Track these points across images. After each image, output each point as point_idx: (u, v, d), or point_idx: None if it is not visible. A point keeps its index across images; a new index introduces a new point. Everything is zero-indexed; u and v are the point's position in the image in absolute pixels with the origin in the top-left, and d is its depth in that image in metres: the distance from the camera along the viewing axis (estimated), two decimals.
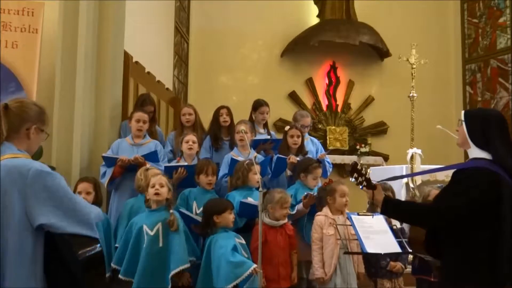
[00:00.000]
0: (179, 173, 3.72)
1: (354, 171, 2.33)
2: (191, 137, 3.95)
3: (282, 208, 3.34)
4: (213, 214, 3.10)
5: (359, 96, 8.47)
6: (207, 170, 3.58)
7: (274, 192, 3.39)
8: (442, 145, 7.58)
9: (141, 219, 3.05)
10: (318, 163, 3.82)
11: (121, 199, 3.70)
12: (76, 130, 3.98)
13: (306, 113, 4.73)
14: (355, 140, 8.31)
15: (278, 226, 3.34)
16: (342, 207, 3.41)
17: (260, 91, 7.51)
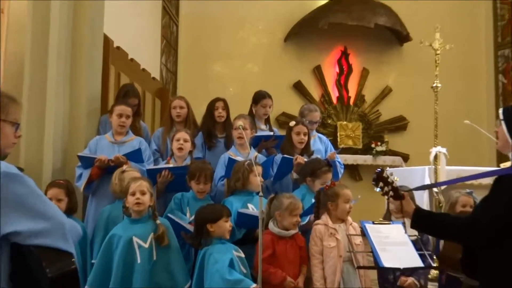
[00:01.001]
0: (163, 176, 3.70)
1: (380, 179, 2.33)
2: (182, 134, 3.94)
3: (291, 216, 3.31)
4: (206, 222, 3.09)
5: (374, 87, 8.46)
6: (199, 176, 3.57)
7: (282, 197, 3.37)
8: (470, 143, 7.58)
9: (124, 230, 3.03)
10: (329, 167, 3.81)
11: (99, 206, 3.70)
12: (48, 126, 3.96)
13: (314, 107, 4.72)
14: (369, 138, 8.31)
15: (287, 236, 3.32)
16: (344, 214, 3.39)
17: (260, 81, 7.51)
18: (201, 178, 3.58)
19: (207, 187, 3.63)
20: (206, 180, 3.60)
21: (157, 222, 3.10)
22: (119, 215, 3.32)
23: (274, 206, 3.33)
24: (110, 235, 3.02)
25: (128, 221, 3.09)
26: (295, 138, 4.18)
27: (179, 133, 3.97)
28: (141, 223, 3.07)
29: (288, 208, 3.29)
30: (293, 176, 4.06)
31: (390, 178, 2.37)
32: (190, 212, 3.54)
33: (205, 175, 3.59)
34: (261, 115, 4.61)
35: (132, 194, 3.08)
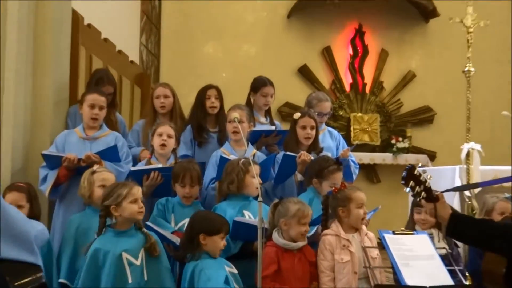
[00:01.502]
0: (152, 178, 3.72)
1: (410, 177, 2.34)
2: (166, 128, 3.94)
3: (299, 224, 3.30)
4: (201, 232, 3.11)
5: (395, 72, 8.47)
6: (184, 178, 3.57)
7: (289, 202, 3.36)
8: (509, 138, 7.59)
9: (111, 245, 3.04)
10: (338, 165, 3.81)
11: (68, 214, 3.70)
12: (5, 120, 3.94)
13: (325, 96, 4.73)
14: (389, 132, 8.33)
15: (295, 249, 3.32)
16: (358, 222, 3.39)
17: (259, 66, 7.50)
18: (186, 180, 3.58)
19: (194, 191, 3.63)
20: (193, 182, 3.60)
21: (145, 231, 3.13)
22: (90, 225, 3.31)
23: (279, 213, 3.33)
24: (93, 251, 3.01)
25: (113, 233, 3.10)
26: (300, 132, 4.18)
27: (162, 127, 3.97)
28: (128, 236, 3.09)
29: (296, 216, 3.29)
30: (297, 178, 4.08)
31: (423, 176, 2.37)
32: (176, 220, 3.56)
33: (190, 176, 3.59)
34: (261, 105, 4.63)
35: (134, 201, 3.08)
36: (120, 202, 3.06)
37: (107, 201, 3.09)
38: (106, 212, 3.10)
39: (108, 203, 3.08)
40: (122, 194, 3.07)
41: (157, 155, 3.97)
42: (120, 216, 3.08)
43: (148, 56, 7.34)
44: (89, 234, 3.30)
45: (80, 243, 3.31)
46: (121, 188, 3.11)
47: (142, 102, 6.09)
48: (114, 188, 3.13)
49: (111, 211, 3.08)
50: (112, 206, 3.06)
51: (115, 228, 3.10)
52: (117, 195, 3.08)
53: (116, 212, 3.07)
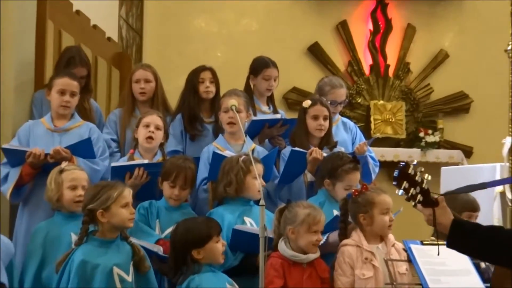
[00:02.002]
0: (136, 176, 3.72)
1: (404, 177, 2.33)
2: (153, 118, 3.96)
3: (310, 233, 3.32)
4: (191, 247, 3.12)
5: (424, 51, 8.44)
6: (177, 178, 3.59)
7: (297, 207, 3.38)
8: None
9: (98, 257, 3.06)
10: (355, 163, 3.82)
11: (33, 220, 3.71)
12: None
13: (339, 82, 4.75)
14: (417, 124, 8.30)
15: (305, 262, 3.34)
16: (383, 231, 3.41)
17: (261, 44, 7.46)
18: (178, 180, 3.60)
19: (184, 193, 3.65)
20: (186, 183, 3.62)
21: (132, 242, 3.15)
22: (60, 234, 3.34)
23: (286, 219, 3.35)
24: (80, 263, 3.02)
25: (98, 243, 3.10)
26: (311, 124, 4.19)
27: (149, 116, 3.98)
28: (116, 247, 3.11)
29: (306, 222, 3.31)
30: (307, 178, 4.08)
31: (419, 175, 2.36)
32: (161, 227, 3.59)
33: (184, 176, 3.61)
34: (263, 91, 4.64)
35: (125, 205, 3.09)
36: (109, 206, 3.06)
37: (92, 204, 3.08)
38: (90, 218, 3.09)
39: (94, 206, 3.07)
40: (112, 197, 3.08)
41: (142, 150, 3.98)
42: (108, 222, 3.08)
43: (129, 32, 7.32)
44: (58, 244, 3.32)
45: (48, 255, 3.32)
46: (110, 190, 3.11)
47: (122, 87, 6.06)
48: (101, 189, 3.13)
49: (96, 217, 3.07)
50: (99, 210, 3.06)
51: (99, 237, 3.10)
52: (105, 197, 3.08)
53: (103, 218, 3.07)
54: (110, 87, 6.01)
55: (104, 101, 5.70)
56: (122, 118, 4.32)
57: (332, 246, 3.62)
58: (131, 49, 7.33)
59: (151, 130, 3.91)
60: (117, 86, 6.14)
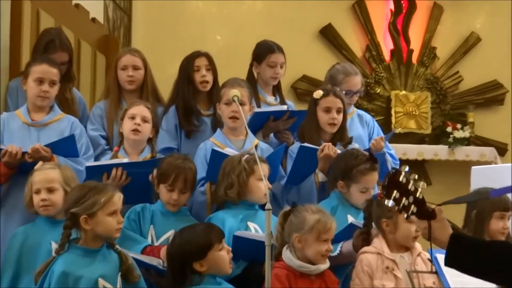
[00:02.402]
0: (114, 178, 3.74)
1: (394, 186, 2.34)
2: (140, 109, 3.98)
3: (319, 242, 3.33)
4: (191, 260, 3.14)
5: (452, 35, 8.44)
6: (176, 180, 3.59)
7: (305, 211, 3.39)
8: None
9: (81, 267, 3.07)
10: (372, 163, 3.83)
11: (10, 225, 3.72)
12: None
13: (353, 69, 4.75)
14: (444, 117, 8.30)
15: (313, 273, 3.35)
16: (408, 240, 3.43)
17: (266, 26, 7.44)
18: (178, 183, 3.61)
19: (183, 198, 3.67)
20: (185, 187, 3.64)
21: (119, 250, 3.16)
22: (40, 241, 3.36)
23: (292, 225, 3.36)
24: (60, 275, 3.03)
25: (81, 252, 3.12)
26: (323, 117, 4.20)
27: (134, 107, 4.00)
28: (101, 256, 3.12)
29: (315, 229, 3.32)
30: (318, 178, 4.10)
31: (412, 184, 2.37)
32: (156, 233, 3.61)
33: (184, 179, 3.62)
34: (268, 79, 4.65)
35: (111, 213, 3.10)
36: (95, 212, 3.06)
37: (75, 208, 3.08)
38: (72, 222, 3.10)
39: (78, 211, 3.07)
40: (99, 202, 3.07)
41: (128, 146, 4.01)
42: (92, 230, 3.09)
43: (116, 12, 7.32)
44: (36, 253, 3.34)
45: (25, 264, 3.35)
46: (98, 194, 3.10)
47: (108, 74, 6.07)
48: (88, 192, 3.12)
49: (79, 222, 3.08)
50: (82, 216, 3.06)
51: (82, 245, 3.12)
52: (91, 202, 3.07)
53: (87, 225, 3.07)
54: (94, 75, 6.00)
55: (88, 91, 5.69)
56: (108, 111, 4.31)
57: (346, 257, 3.65)
58: (118, 32, 7.33)
59: (137, 122, 3.92)
60: (102, 74, 6.12)
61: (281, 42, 4.73)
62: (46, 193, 3.37)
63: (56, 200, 3.39)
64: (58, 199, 3.40)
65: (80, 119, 4.26)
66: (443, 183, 7.95)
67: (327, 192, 3.99)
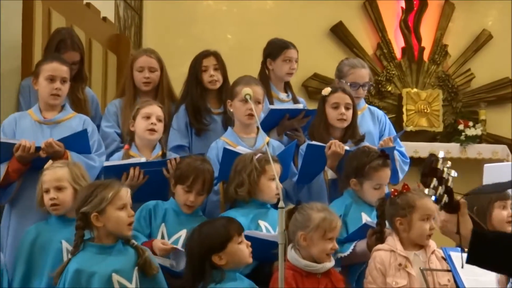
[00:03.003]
0: (132, 178, 3.76)
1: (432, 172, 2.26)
2: (154, 109, 3.98)
3: (324, 240, 3.33)
4: (210, 253, 3.15)
5: (464, 32, 8.41)
6: (194, 182, 3.59)
7: (310, 209, 3.39)
8: None
9: (95, 264, 3.09)
10: (384, 159, 3.83)
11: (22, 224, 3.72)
12: None
13: (360, 62, 4.76)
14: (456, 115, 8.27)
15: (318, 272, 3.35)
16: (422, 239, 3.43)
17: (277, 24, 7.42)
18: (196, 185, 3.61)
19: (199, 200, 3.67)
20: (203, 189, 3.64)
21: (135, 244, 3.18)
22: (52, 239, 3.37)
23: (297, 223, 3.36)
24: (74, 273, 3.06)
25: (95, 249, 3.14)
26: (332, 113, 4.20)
27: (149, 106, 4.00)
28: (116, 252, 3.14)
29: (321, 228, 3.32)
30: (327, 175, 4.10)
31: (446, 171, 2.29)
32: (168, 231, 3.61)
33: (203, 181, 3.62)
34: (283, 75, 4.66)
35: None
36: (104, 208, 3.09)
37: (85, 207, 3.10)
38: (84, 222, 3.12)
39: (87, 209, 3.09)
40: (106, 198, 3.10)
41: (140, 144, 4.01)
42: (104, 227, 3.11)
43: (127, 12, 7.34)
44: (46, 252, 3.35)
45: (35, 262, 3.36)
46: (105, 190, 3.13)
47: (119, 73, 6.08)
48: (94, 190, 3.15)
49: (91, 221, 3.10)
50: (93, 214, 3.09)
51: (97, 243, 3.14)
52: (99, 199, 3.10)
53: (98, 222, 3.10)
54: (106, 74, 6.01)
55: (100, 90, 5.70)
56: (123, 110, 4.32)
57: (360, 256, 3.65)
58: (129, 31, 7.35)
59: (153, 121, 3.93)
60: (113, 73, 6.15)
61: (291, 40, 4.75)
62: (55, 192, 3.38)
63: (65, 199, 3.39)
64: (67, 197, 3.40)
65: (92, 118, 4.28)
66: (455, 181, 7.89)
67: (339, 190, 3.99)
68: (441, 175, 2.28)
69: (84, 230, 3.14)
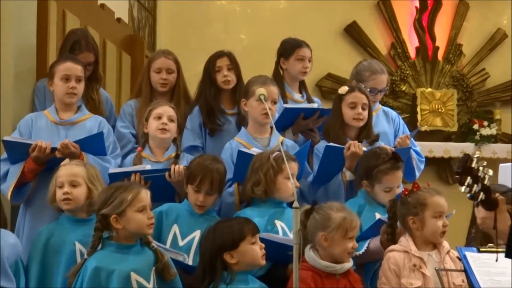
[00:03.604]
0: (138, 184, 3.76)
1: (467, 171, 2.30)
2: (166, 109, 3.99)
3: (345, 239, 3.34)
4: (222, 250, 3.16)
5: (478, 31, 8.38)
6: (202, 182, 3.59)
7: (329, 209, 3.39)
8: None
9: (114, 262, 3.11)
10: (395, 161, 3.81)
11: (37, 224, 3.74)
12: None
13: (380, 67, 4.75)
14: (470, 114, 8.25)
15: (337, 273, 3.35)
16: (435, 237, 3.42)
17: (290, 24, 7.43)
18: (204, 185, 3.61)
19: (209, 200, 3.67)
20: (211, 189, 3.64)
21: (155, 247, 3.19)
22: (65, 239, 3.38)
23: (316, 223, 3.36)
24: (93, 270, 3.08)
25: (114, 247, 3.16)
26: (348, 113, 4.19)
27: (160, 107, 4.01)
28: (135, 252, 3.17)
29: (342, 227, 3.32)
30: (345, 176, 4.08)
31: (481, 171, 2.35)
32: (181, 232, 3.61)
33: (211, 181, 3.62)
34: (297, 73, 4.66)
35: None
36: (124, 210, 3.11)
37: (105, 209, 3.12)
38: (103, 224, 3.14)
39: (107, 211, 3.11)
40: (126, 200, 3.12)
41: (153, 145, 4.02)
42: (123, 229, 3.13)
43: (141, 12, 7.36)
44: (59, 253, 3.37)
45: (49, 262, 3.38)
46: (124, 192, 3.15)
47: (133, 73, 6.10)
48: (114, 192, 3.16)
49: (111, 223, 3.12)
50: (112, 215, 3.10)
51: (116, 241, 3.16)
52: (119, 201, 3.12)
53: (118, 224, 3.12)
54: (120, 75, 6.02)
55: (114, 90, 5.71)
56: (139, 111, 4.33)
57: (374, 253, 3.65)
58: (143, 31, 7.37)
59: (164, 121, 3.94)
60: (128, 73, 6.16)
61: (305, 40, 4.74)
62: (69, 187, 3.39)
63: (78, 195, 3.41)
64: (80, 194, 3.42)
65: (107, 119, 4.29)
66: None
67: (355, 190, 3.99)
68: (476, 173, 2.33)
69: (103, 232, 3.16)
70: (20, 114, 4.13)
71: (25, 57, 4.38)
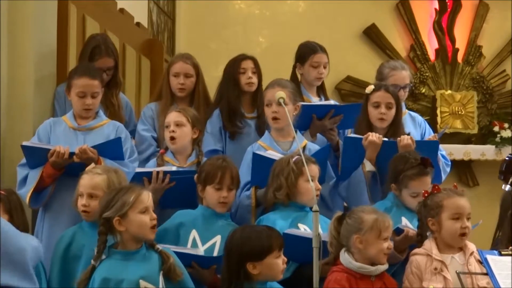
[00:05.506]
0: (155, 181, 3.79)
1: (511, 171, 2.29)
2: (170, 117, 3.99)
3: (380, 240, 3.32)
4: (246, 259, 3.13)
5: (498, 33, 8.33)
6: (222, 179, 3.61)
7: (361, 212, 3.39)
8: None
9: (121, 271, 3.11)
10: (423, 166, 3.78)
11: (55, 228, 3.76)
12: None
13: (401, 64, 4.77)
14: (491, 116, 8.21)
15: (372, 275, 3.34)
16: (453, 239, 3.40)
17: (309, 27, 7.46)
18: (225, 180, 3.61)
19: (231, 195, 3.68)
20: (232, 184, 3.65)
21: (159, 249, 3.18)
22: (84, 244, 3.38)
23: (349, 227, 3.36)
24: (102, 281, 3.07)
25: (120, 256, 3.15)
26: (372, 112, 4.21)
27: (167, 115, 4.03)
28: (141, 258, 3.15)
29: (375, 228, 3.32)
30: (365, 168, 4.09)
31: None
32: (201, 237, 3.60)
33: (231, 175, 3.64)
34: (312, 80, 4.66)
35: (143, 210, 3.13)
36: (126, 212, 3.09)
37: (107, 212, 3.10)
38: (107, 227, 3.12)
39: (110, 214, 3.10)
40: (128, 202, 3.10)
41: (174, 152, 4.05)
42: (126, 231, 3.11)
43: (160, 17, 7.40)
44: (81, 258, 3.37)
45: (70, 268, 3.38)
46: (126, 194, 3.13)
47: (153, 78, 6.13)
48: (116, 194, 3.15)
49: (113, 226, 3.11)
50: (115, 218, 3.09)
51: (121, 249, 3.15)
52: (120, 203, 3.10)
53: (121, 227, 3.10)
54: (139, 79, 6.06)
55: (133, 95, 5.76)
56: (160, 115, 4.34)
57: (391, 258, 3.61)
58: (162, 35, 7.41)
59: (171, 130, 3.95)
60: (147, 77, 6.19)
61: (324, 43, 4.73)
62: (88, 199, 3.38)
63: (96, 207, 3.37)
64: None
65: (126, 123, 4.31)
66: (490, 183, 7.85)
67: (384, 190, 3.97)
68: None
69: (107, 235, 3.14)
70: (41, 118, 4.15)
71: (45, 62, 4.41)
